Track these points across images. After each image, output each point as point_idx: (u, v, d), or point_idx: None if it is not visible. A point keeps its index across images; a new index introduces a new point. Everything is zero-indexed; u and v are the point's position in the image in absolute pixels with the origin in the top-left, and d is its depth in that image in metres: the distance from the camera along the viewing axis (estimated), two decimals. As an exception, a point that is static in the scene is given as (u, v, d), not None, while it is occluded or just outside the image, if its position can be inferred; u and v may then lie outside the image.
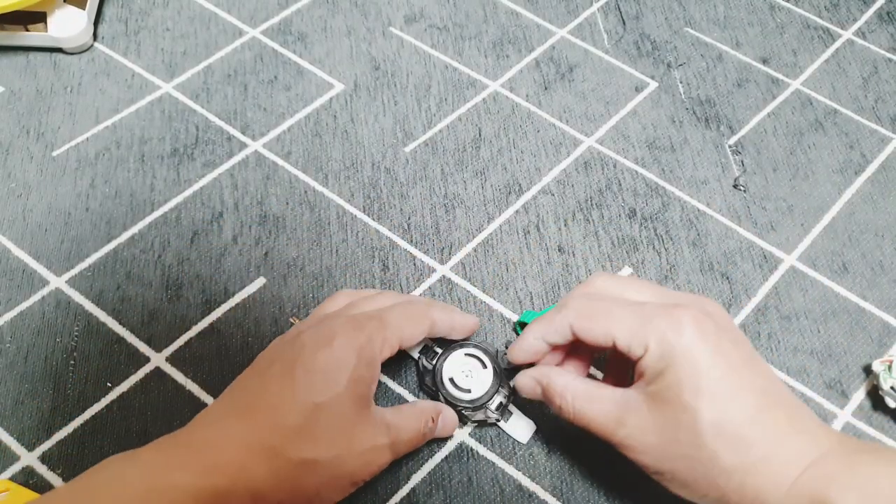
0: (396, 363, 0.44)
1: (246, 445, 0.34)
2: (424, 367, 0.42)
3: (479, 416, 0.41)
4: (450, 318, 0.41)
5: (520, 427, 0.42)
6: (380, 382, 0.44)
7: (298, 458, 0.34)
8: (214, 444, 0.34)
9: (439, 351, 0.42)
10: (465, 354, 0.42)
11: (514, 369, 0.41)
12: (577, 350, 0.40)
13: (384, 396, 0.44)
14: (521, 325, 0.45)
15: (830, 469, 0.32)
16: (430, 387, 0.42)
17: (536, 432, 0.42)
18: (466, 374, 0.42)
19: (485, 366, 0.42)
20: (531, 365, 0.39)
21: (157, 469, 0.33)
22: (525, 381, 0.39)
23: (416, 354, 0.43)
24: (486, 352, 0.42)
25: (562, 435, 0.42)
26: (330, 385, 0.35)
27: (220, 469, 0.33)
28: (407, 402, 0.43)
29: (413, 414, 0.39)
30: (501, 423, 0.42)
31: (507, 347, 0.41)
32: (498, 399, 0.41)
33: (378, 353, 0.37)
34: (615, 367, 0.41)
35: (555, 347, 0.39)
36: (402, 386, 0.44)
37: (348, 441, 0.35)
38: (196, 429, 0.35)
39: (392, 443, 0.37)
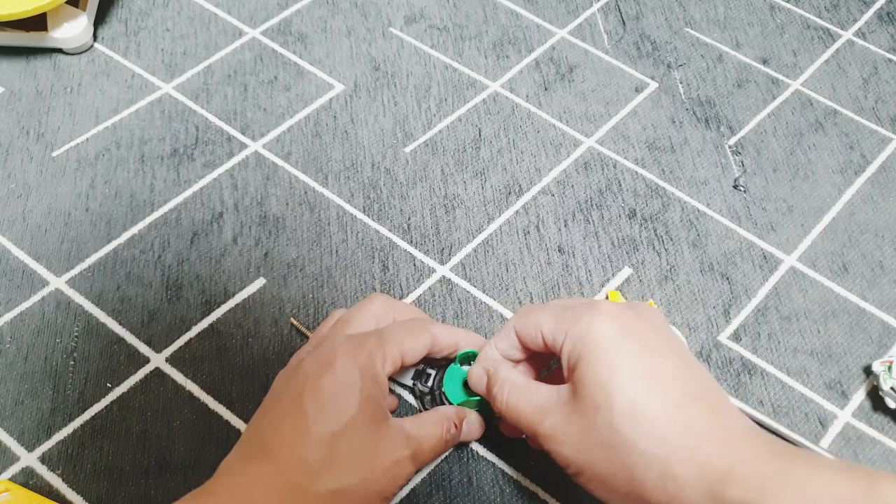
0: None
1: (271, 488, 0.33)
2: (421, 391, 0.41)
3: None
4: (453, 332, 0.40)
5: None
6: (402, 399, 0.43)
7: (326, 490, 0.33)
8: (239, 492, 0.33)
9: (432, 372, 0.41)
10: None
11: None
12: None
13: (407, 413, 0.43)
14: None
15: (760, 473, 0.30)
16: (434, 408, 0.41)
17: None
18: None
19: None
20: None
21: None
22: (476, 371, 0.39)
23: (409, 382, 0.42)
24: None
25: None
26: (342, 410, 0.35)
27: None
28: None
29: (433, 421, 0.38)
30: None
31: None
32: None
33: (381, 369, 0.37)
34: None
35: (517, 362, 0.39)
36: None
37: (371, 461, 0.35)
38: (219, 480, 0.34)
39: (413, 453, 0.36)
